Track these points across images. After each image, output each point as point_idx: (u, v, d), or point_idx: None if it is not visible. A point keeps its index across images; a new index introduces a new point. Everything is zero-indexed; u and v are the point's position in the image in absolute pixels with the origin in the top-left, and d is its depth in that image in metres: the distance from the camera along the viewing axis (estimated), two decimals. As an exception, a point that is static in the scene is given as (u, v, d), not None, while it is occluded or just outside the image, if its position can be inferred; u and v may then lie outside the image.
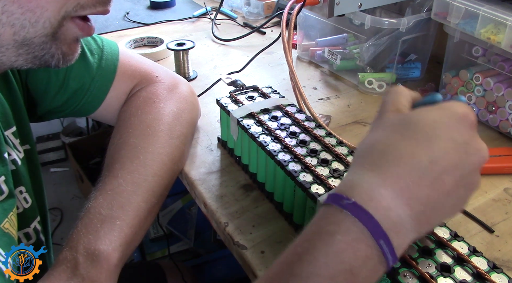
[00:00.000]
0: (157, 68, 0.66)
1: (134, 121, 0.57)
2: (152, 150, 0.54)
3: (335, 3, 0.74)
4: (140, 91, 0.61)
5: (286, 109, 0.61)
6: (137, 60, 0.65)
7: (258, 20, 1.22)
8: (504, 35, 0.65)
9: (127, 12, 1.25)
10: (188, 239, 1.42)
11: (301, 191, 0.49)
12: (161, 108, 0.59)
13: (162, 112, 0.58)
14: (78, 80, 0.58)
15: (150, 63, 0.66)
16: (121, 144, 0.55)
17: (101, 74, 0.59)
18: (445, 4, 0.73)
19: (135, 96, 0.61)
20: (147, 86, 0.62)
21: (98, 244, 0.46)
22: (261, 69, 0.95)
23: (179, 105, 0.61)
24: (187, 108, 0.63)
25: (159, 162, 0.54)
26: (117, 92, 0.61)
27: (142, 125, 0.56)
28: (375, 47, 0.83)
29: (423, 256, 0.40)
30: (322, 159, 0.52)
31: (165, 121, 0.58)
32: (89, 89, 0.59)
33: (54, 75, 0.56)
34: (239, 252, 0.52)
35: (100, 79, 0.59)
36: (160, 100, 0.60)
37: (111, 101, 0.61)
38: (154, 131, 0.56)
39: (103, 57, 0.60)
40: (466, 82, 0.77)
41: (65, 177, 2.11)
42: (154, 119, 0.57)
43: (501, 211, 0.58)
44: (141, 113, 0.58)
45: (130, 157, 0.53)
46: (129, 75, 0.62)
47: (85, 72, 0.58)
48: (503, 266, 0.50)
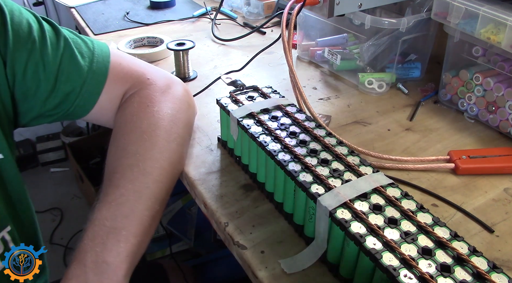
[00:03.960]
0: (150, 69, 0.65)
1: (130, 128, 0.57)
2: (150, 156, 0.54)
3: (335, 3, 0.74)
4: (134, 96, 0.61)
5: (286, 109, 0.61)
6: (129, 62, 0.64)
7: (258, 20, 1.23)
8: (504, 35, 0.65)
9: (127, 12, 1.25)
10: (188, 239, 1.42)
11: (301, 191, 0.49)
12: (155, 112, 0.58)
13: (157, 116, 0.58)
14: (69, 84, 0.57)
15: (142, 64, 0.65)
16: (120, 152, 0.55)
17: (92, 77, 0.59)
18: (445, 4, 0.73)
19: (129, 102, 0.60)
20: (140, 90, 0.61)
21: (105, 256, 0.46)
22: (261, 69, 0.95)
23: (173, 106, 0.61)
24: (182, 108, 0.62)
25: (158, 168, 0.54)
26: (109, 95, 0.61)
27: (138, 132, 0.56)
28: (375, 47, 0.83)
29: (423, 256, 0.40)
30: (322, 159, 0.52)
31: (161, 125, 0.57)
32: (80, 93, 0.58)
33: (44, 80, 0.56)
34: (239, 252, 0.52)
35: (91, 82, 0.59)
36: (154, 104, 0.59)
37: (104, 104, 0.61)
38: (150, 137, 0.56)
39: (94, 60, 0.59)
40: (466, 82, 0.77)
41: (65, 177, 2.12)
42: (150, 125, 0.57)
43: (501, 211, 0.58)
44: (136, 119, 0.57)
45: (129, 165, 0.53)
46: (121, 78, 0.61)
47: (76, 76, 0.57)
48: (503, 266, 0.50)
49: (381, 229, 0.42)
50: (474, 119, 0.77)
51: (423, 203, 0.56)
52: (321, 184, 0.48)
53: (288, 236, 0.54)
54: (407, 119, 0.78)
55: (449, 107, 0.81)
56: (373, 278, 0.42)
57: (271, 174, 0.56)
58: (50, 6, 2.13)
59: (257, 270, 0.49)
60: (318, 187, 0.48)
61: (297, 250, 0.51)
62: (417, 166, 0.65)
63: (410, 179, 0.63)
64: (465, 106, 0.78)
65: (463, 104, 0.79)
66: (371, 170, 0.50)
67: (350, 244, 0.43)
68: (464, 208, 0.58)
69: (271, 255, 0.51)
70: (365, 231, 0.42)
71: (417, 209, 0.45)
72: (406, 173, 0.64)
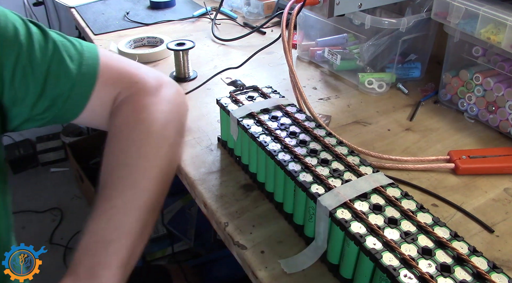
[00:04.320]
0: (140, 70, 0.64)
1: (120, 138, 0.56)
2: (141, 165, 0.54)
3: (335, 3, 0.74)
4: (124, 102, 0.60)
5: (286, 109, 0.61)
6: (119, 63, 0.63)
7: (258, 20, 1.23)
8: (504, 35, 0.65)
9: (127, 12, 1.25)
10: (188, 239, 1.42)
11: (301, 191, 0.49)
12: (145, 119, 0.57)
13: (148, 123, 0.57)
14: (58, 88, 0.56)
15: (132, 65, 0.64)
16: (110, 163, 0.55)
17: (81, 80, 0.58)
18: (445, 4, 0.73)
19: (119, 109, 0.59)
20: (130, 95, 0.60)
21: (97, 269, 0.46)
22: (261, 69, 0.95)
23: (165, 109, 0.60)
24: (174, 110, 0.61)
25: (148, 177, 0.54)
26: (99, 98, 0.60)
27: (128, 142, 0.56)
28: (375, 47, 0.83)
29: (423, 256, 0.40)
30: (322, 159, 0.52)
31: (152, 131, 0.57)
32: (69, 96, 0.58)
33: (33, 83, 0.55)
34: (239, 252, 0.52)
35: (80, 85, 0.58)
36: (144, 110, 0.58)
37: (94, 108, 0.60)
38: (141, 146, 0.55)
39: (83, 63, 0.58)
40: (466, 82, 0.77)
41: (65, 177, 2.12)
42: (140, 133, 0.56)
43: (501, 211, 0.58)
44: (126, 128, 0.57)
45: (119, 177, 0.53)
46: (111, 81, 0.60)
47: (65, 79, 0.57)
48: (503, 266, 0.50)
49: (381, 229, 0.42)
50: (474, 119, 0.77)
51: (423, 203, 0.56)
52: (321, 184, 0.48)
53: (288, 236, 0.54)
54: (407, 119, 0.78)
55: (449, 107, 0.81)
56: (373, 278, 0.42)
57: (271, 174, 0.56)
58: (50, 6, 2.13)
59: (257, 270, 0.49)
60: (318, 187, 0.48)
61: (297, 250, 0.51)
62: (417, 166, 0.65)
63: (410, 179, 0.63)
64: (465, 106, 0.78)
65: (463, 104, 0.79)
66: (371, 170, 0.50)
67: (350, 244, 0.43)
68: (464, 208, 0.58)
69: (271, 255, 0.51)
70: (365, 231, 0.42)
71: (417, 209, 0.45)
72: (406, 173, 0.64)
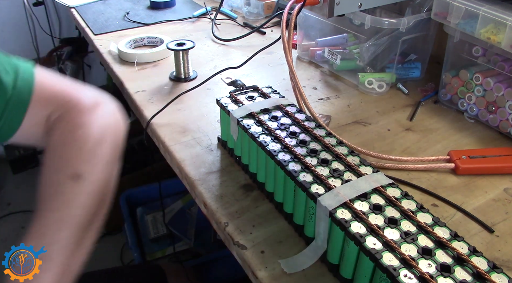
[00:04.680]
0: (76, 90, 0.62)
1: (55, 156, 0.56)
2: (73, 184, 0.54)
3: (335, 3, 0.74)
4: (60, 121, 0.59)
5: (286, 109, 0.61)
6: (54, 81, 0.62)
7: (258, 20, 1.23)
8: (504, 35, 0.65)
9: (127, 12, 1.25)
10: (188, 239, 1.42)
11: (301, 191, 0.49)
12: (79, 137, 0.57)
13: (82, 141, 0.57)
14: None
15: (69, 85, 0.63)
16: (46, 182, 0.55)
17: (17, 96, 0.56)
18: (445, 4, 0.73)
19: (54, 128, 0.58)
20: (64, 113, 0.59)
21: None
22: (261, 69, 0.95)
23: (99, 127, 0.59)
24: (109, 129, 0.60)
25: (83, 194, 0.54)
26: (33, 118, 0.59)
27: (62, 159, 0.55)
28: (375, 47, 0.83)
29: (423, 256, 0.40)
30: (322, 159, 0.52)
31: (86, 150, 0.56)
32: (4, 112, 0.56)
33: None
34: (239, 252, 0.52)
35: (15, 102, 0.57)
36: (79, 128, 0.57)
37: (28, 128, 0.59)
38: (75, 163, 0.55)
39: (18, 79, 0.57)
40: (466, 82, 0.77)
41: (65, 177, 2.11)
42: (75, 150, 0.56)
43: (501, 211, 0.58)
44: (60, 146, 0.56)
45: (51, 195, 0.53)
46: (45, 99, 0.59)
47: None
48: (503, 266, 0.50)
49: (381, 229, 0.42)
50: (474, 119, 0.77)
51: (423, 203, 0.56)
52: (321, 184, 0.48)
53: (288, 236, 0.54)
54: (407, 119, 0.78)
55: (449, 107, 0.81)
56: (373, 278, 0.42)
57: (271, 174, 0.56)
58: (50, 6, 2.14)
59: (257, 270, 0.49)
60: (318, 187, 0.48)
61: (297, 250, 0.51)
62: (417, 166, 0.65)
63: (410, 179, 0.63)
64: (465, 106, 0.78)
65: (463, 104, 0.79)
66: (371, 170, 0.50)
67: (350, 244, 0.43)
68: (464, 208, 0.58)
69: (271, 255, 0.51)
70: (365, 231, 0.42)
71: (417, 209, 0.45)
72: (406, 173, 0.64)
